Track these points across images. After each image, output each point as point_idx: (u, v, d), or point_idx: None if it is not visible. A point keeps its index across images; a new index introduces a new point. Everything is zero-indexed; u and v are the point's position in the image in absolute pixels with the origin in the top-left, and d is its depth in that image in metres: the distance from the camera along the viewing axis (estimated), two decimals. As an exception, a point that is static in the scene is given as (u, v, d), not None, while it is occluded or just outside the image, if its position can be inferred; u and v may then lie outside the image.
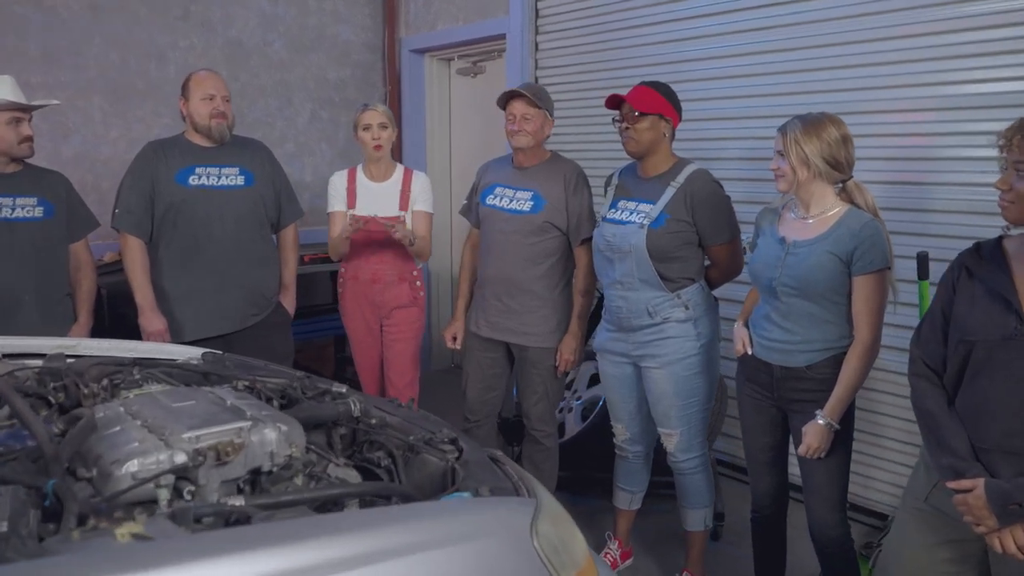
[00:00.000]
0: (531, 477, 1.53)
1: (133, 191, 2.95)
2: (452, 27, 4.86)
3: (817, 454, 2.16)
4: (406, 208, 3.29)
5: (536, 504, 1.34)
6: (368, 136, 3.22)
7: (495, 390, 3.12)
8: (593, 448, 3.52)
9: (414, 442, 1.63)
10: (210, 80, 3.02)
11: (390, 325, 3.35)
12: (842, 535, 2.24)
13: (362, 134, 3.23)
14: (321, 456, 1.54)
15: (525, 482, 1.49)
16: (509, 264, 2.92)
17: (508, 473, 1.54)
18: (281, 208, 3.22)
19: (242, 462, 1.39)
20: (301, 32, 4.93)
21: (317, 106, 5.06)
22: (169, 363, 2.17)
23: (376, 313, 3.34)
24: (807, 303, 2.18)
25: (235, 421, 1.43)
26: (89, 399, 1.76)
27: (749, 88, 3.46)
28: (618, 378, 2.72)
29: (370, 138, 3.22)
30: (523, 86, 2.90)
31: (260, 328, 3.11)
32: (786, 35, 3.32)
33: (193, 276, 3.00)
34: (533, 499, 1.37)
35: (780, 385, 2.26)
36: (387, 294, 3.29)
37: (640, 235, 2.50)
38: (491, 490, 1.41)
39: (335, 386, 1.97)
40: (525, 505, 1.33)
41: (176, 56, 4.46)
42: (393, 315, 3.33)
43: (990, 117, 2.76)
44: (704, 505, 2.70)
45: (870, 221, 2.12)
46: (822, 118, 2.14)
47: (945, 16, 2.87)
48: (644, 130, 2.51)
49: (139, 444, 1.35)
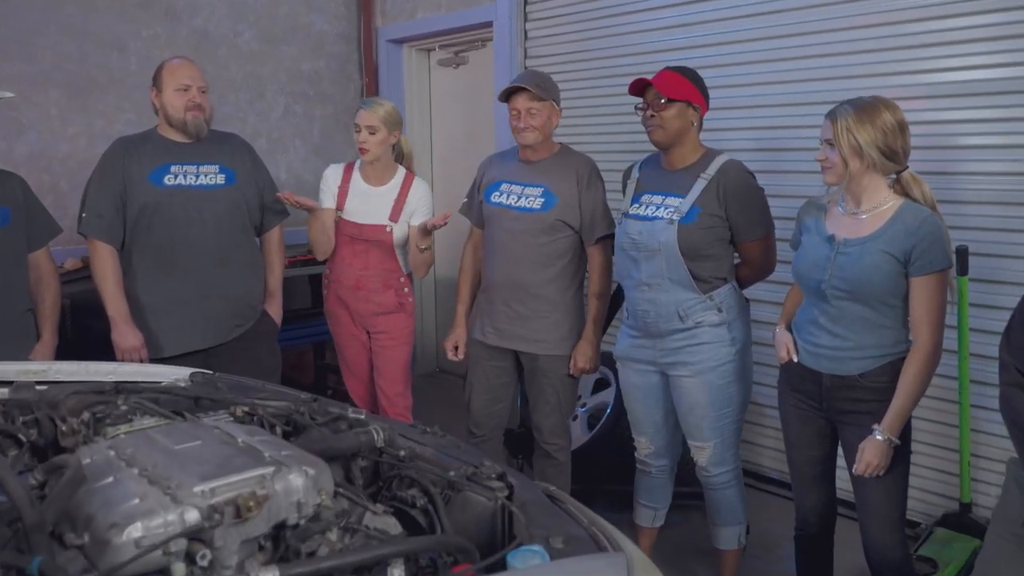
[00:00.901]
0: (601, 520, 1.31)
1: (102, 192, 2.66)
2: (433, 15, 4.62)
3: (876, 472, 1.98)
4: (396, 219, 2.99)
5: (627, 561, 1.13)
6: (357, 138, 2.95)
7: (502, 401, 2.90)
8: (602, 458, 3.33)
9: (455, 478, 1.40)
10: (185, 69, 2.74)
11: (377, 332, 3.10)
12: (902, 557, 2.06)
13: (355, 135, 2.97)
14: (353, 501, 1.31)
15: (599, 527, 1.28)
16: (518, 266, 2.70)
17: (574, 515, 1.33)
18: (265, 209, 2.96)
19: (265, 517, 1.15)
20: (272, 22, 4.64)
21: (291, 100, 4.78)
22: (153, 387, 1.93)
23: (360, 320, 3.09)
24: (860, 306, 2.00)
25: (254, 467, 1.19)
26: (68, 437, 1.50)
27: (759, 75, 3.27)
28: (642, 388, 2.52)
29: (358, 141, 2.94)
30: (524, 77, 2.66)
31: (245, 340, 2.84)
32: (797, 19, 3.15)
33: (171, 285, 2.72)
34: (621, 553, 1.16)
35: (830, 395, 2.08)
36: (370, 302, 3.04)
37: (670, 231, 2.30)
38: (565, 541, 1.19)
39: (351, 411, 1.73)
40: (616, 565, 1.11)
41: (138, 47, 4.16)
42: (378, 322, 3.07)
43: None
44: (739, 521, 2.52)
45: (929, 216, 1.94)
46: (876, 103, 1.96)
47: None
48: (671, 118, 2.31)
49: (141, 501, 1.10)
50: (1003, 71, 2.66)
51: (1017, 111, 2.64)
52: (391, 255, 3.02)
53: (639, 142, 3.64)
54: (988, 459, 2.82)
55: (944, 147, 2.80)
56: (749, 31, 3.29)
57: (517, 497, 1.35)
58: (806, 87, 3.13)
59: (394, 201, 3.01)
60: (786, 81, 3.20)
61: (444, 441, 1.69)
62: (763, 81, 3.27)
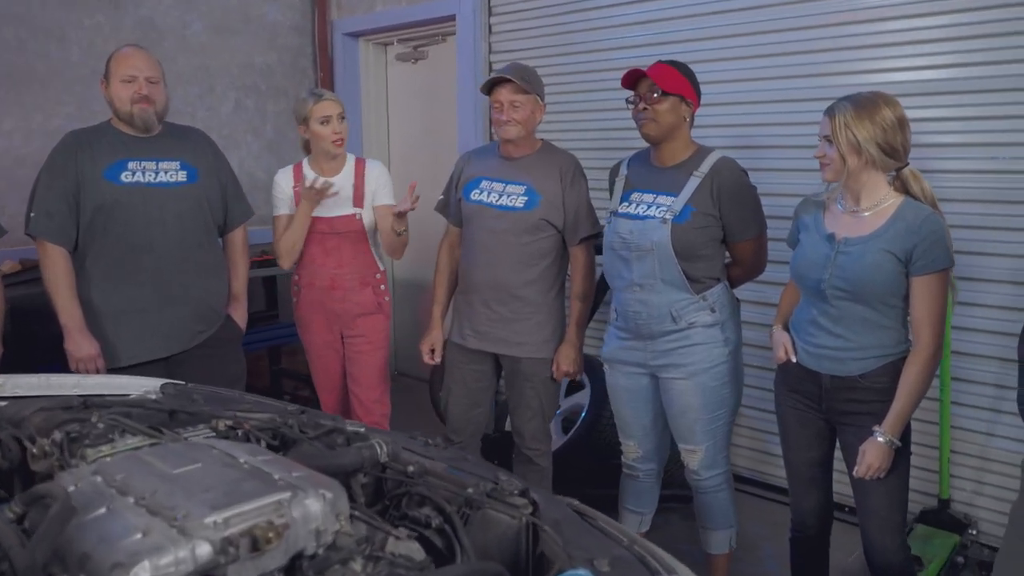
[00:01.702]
0: (640, 537, 1.23)
1: (52, 191, 2.47)
2: (394, 8, 4.48)
3: (878, 474, 1.95)
4: (361, 205, 2.89)
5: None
6: (327, 130, 2.80)
7: (481, 406, 2.80)
8: (578, 462, 3.26)
9: (474, 495, 1.30)
10: (132, 58, 2.55)
11: (353, 336, 2.96)
12: (904, 560, 2.04)
13: (319, 128, 2.81)
14: (372, 525, 1.19)
15: (641, 546, 1.19)
16: (499, 267, 2.60)
17: (611, 534, 1.24)
18: (228, 208, 2.79)
19: (283, 548, 1.04)
20: (223, 13, 4.44)
21: (242, 94, 4.59)
22: (122, 400, 1.78)
23: (337, 323, 2.95)
24: (860, 306, 1.96)
25: (268, 492, 1.07)
26: (39, 461, 1.35)
27: (734, 72, 3.24)
28: (632, 391, 2.45)
29: (330, 132, 2.81)
30: (509, 69, 2.56)
31: (208, 346, 2.67)
32: (775, 15, 3.12)
33: (130, 290, 2.54)
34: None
35: (830, 396, 2.04)
36: (348, 302, 2.91)
37: (663, 231, 2.24)
38: (611, 563, 1.11)
39: (350, 424, 1.62)
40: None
41: (80, 36, 3.92)
42: (356, 324, 2.94)
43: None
44: (729, 525, 2.47)
45: (931, 215, 1.91)
46: (875, 98, 1.92)
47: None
48: (665, 112, 2.24)
49: (144, 536, 0.98)
50: (976, 70, 2.68)
51: (991, 109, 2.65)
52: (364, 248, 2.90)
53: (607, 139, 3.62)
54: (966, 455, 2.84)
55: (921, 145, 2.78)
56: (721, 27, 3.26)
57: (544, 515, 1.26)
58: (783, 84, 3.11)
59: (353, 187, 2.89)
60: (762, 79, 3.17)
61: (448, 453, 1.60)
62: (739, 79, 3.23)
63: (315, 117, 2.80)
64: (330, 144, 2.82)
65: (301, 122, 2.85)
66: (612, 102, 3.62)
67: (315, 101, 2.81)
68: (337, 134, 2.82)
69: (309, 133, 2.85)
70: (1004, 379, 2.74)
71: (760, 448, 3.38)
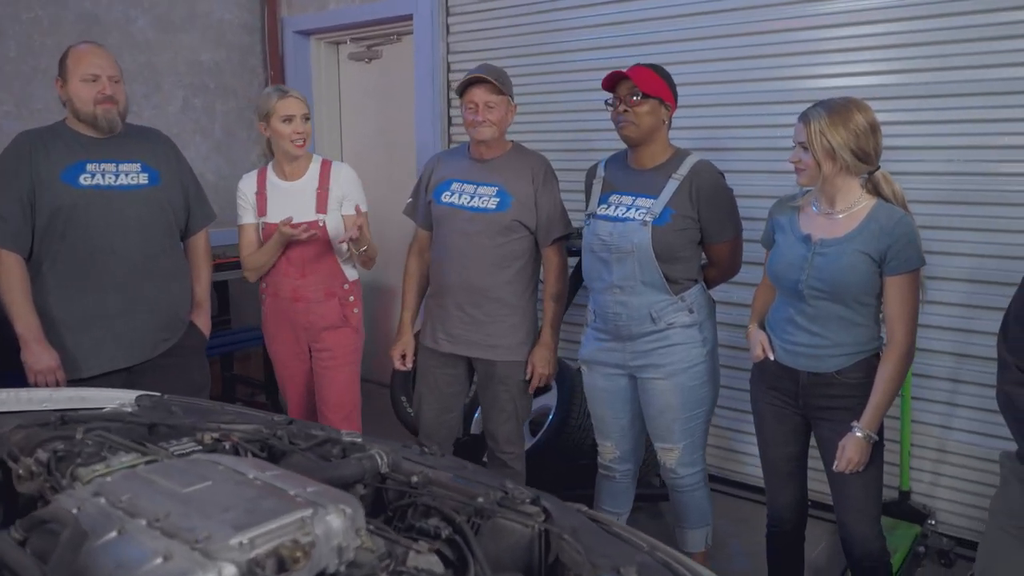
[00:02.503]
0: (660, 543, 1.23)
1: (5, 194, 2.34)
2: (346, 7, 4.40)
3: (857, 468, 2.00)
4: (324, 210, 2.75)
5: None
6: (289, 129, 2.68)
7: (453, 411, 2.78)
8: (547, 464, 3.26)
9: (485, 504, 1.28)
10: (92, 56, 2.43)
11: (320, 350, 2.85)
12: (881, 548, 2.10)
13: (280, 126, 2.68)
14: (389, 539, 1.16)
15: (662, 551, 1.19)
16: (473, 269, 2.58)
17: (630, 540, 1.24)
18: (191, 211, 2.70)
19: (308, 567, 1.01)
20: (169, 8, 4.30)
21: (189, 93, 4.45)
22: (97, 414, 1.70)
23: (303, 335, 2.84)
24: (837, 306, 2.01)
25: (289, 510, 1.03)
26: (25, 482, 1.28)
27: (706, 75, 3.26)
28: (610, 392, 2.46)
29: (291, 131, 2.68)
30: (484, 69, 2.54)
31: (172, 355, 2.58)
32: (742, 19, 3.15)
33: (90, 298, 2.43)
34: (708, 581, 1.08)
35: (807, 392, 2.09)
36: (312, 314, 2.79)
37: (644, 233, 2.25)
38: (639, 571, 1.10)
39: (345, 434, 1.58)
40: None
41: (17, 30, 3.75)
42: (322, 338, 2.83)
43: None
44: (706, 523, 2.51)
45: (903, 217, 1.97)
46: (848, 104, 1.97)
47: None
48: (645, 114, 2.25)
49: (166, 560, 0.93)
50: (932, 75, 2.77)
51: (946, 113, 2.75)
52: (329, 256, 2.78)
53: (566, 141, 3.63)
54: (924, 448, 2.94)
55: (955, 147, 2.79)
56: (677, 31, 3.29)
57: (558, 523, 1.25)
58: (751, 87, 3.14)
59: (316, 191, 2.77)
60: (729, 81, 3.19)
61: (447, 462, 1.57)
62: (706, 81, 3.24)
63: (278, 114, 2.68)
64: (290, 144, 2.70)
65: (262, 118, 2.72)
66: (573, 104, 3.65)
67: (279, 97, 2.69)
68: (299, 134, 2.69)
69: (269, 131, 2.72)
70: (959, 374, 2.84)
71: (726, 446, 3.44)
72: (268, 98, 2.72)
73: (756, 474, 3.32)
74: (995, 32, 2.63)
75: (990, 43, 2.65)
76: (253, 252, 2.78)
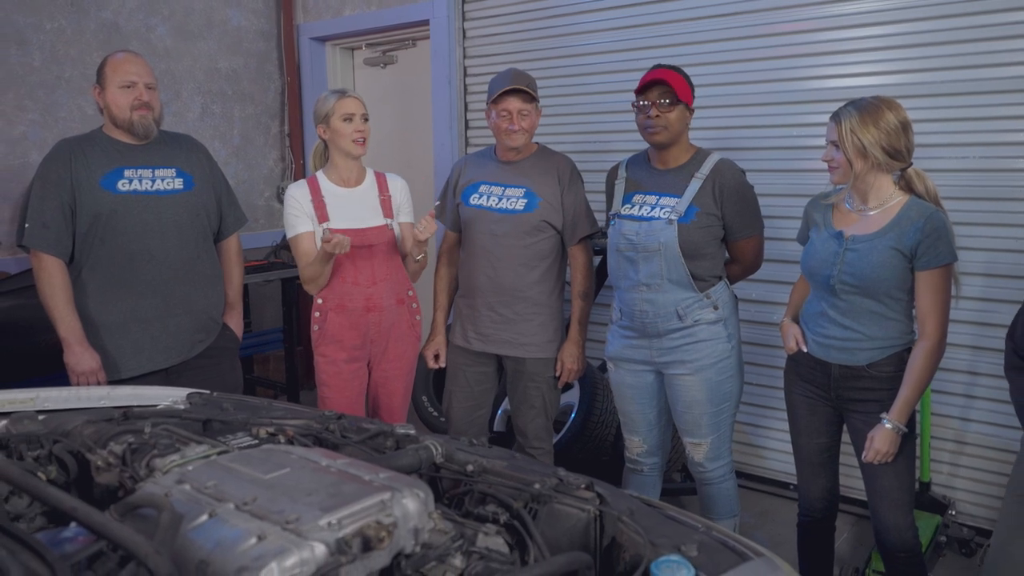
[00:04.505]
0: (713, 523, 1.28)
1: (47, 201, 2.40)
2: (362, 13, 4.46)
3: (885, 459, 2.05)
4: (391, 215, 2.71)
5: (778, 567, 1.10)
6: (350, 128, 2.60)
7: (483, 407, 2.84)
8: (569, 461, 3.30)
9: (542, 491, 1.32)
10: (129, 64, 2.50)
11: (384, 361, 2.74)
12: (913, 537, 2.15)
13: (340, 125, 2.60)
14: (457, 522, 1.22)
15: (718, 531, 1.24)
16: (502, 269, 2.64)
17: (686, 522, 1.29)
18: (223, 215, 2.75)
19: (390, 547, 1.06)
20: (187, 16, 4.36)
21: (208, 99, 4.51)
22: (154, 411, 1.75)
23: (370, 347, 2.71)
24: (868, 300, 2.06)
25: (370, 493, 1.09)
26: (104, 472, 1.33)
27: (725, 76, 3.31)
28: (638, 388, 2.52)
29: (352, 130, 2.60)
30: (519, 78, 2.58)
31: (207, 356, 2.64)
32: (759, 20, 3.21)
33: (129, 300, 2.48)
34: (770, 558, 1.13)
35: (838, 384, 2.14)
36: (385, 323, 2.69)
37: (670, 231, 2.31)
38: (699, 548, 1.15)
39: (398, 427, 1.63)
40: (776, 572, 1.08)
41: (41, 40, 3.80)
42: (389, 347, 2.73)
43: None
44: (734, 514, 2.55)
45: (934, 213, 2.01)
46: (878, 103, 2.02)
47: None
48: (675, 120, 2.32)
49: (260, 540, 0.98)
50: (948, 74, 2.83)
51: (960, 111, 2.81)
52: (396, 263, 2.73)
53: (582, 142, 3.69)
54: (943, 439, 2.99)
55: (986, 144, 2.82)
56: (697, 33, 3.35)
57: (614, 506, 1.30)
58: (769, 87, 3.20)
59: (379, 198, 2.73)
60: (747, 82, 3.25)
61: (496, 452, 1.62)
62: (725, 82, 3.30)
63: (338, 114, 2.60)
64: (351, 143, 2.61)
65: (321, 121, 2.63)
66: (590, 106, 3.71)
67: (339, 98, 2.62)
68: (359, 132, 2.62)
69: (329, 132, 2.63)
70: (976, 366, 2.89)
71: (746, 440, 3.49)
72: (326, 100, 2.64)
73: (778, 468, 3.38)
74: (1009, 31, 2.69)
75: (1004, 42, 2.71)
76: (311, 262, 2.61)
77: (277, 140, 4.88)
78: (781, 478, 3.36)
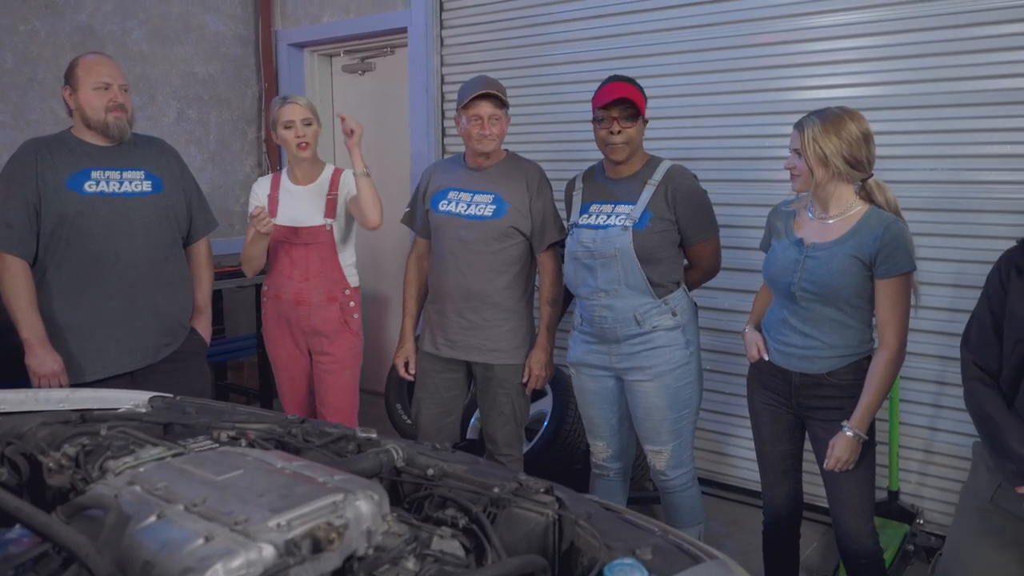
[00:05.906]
0: (670, 527, 1.28)
1: (12, 200, 2.38)
2: (340, 20, 4.46)
3: (846, 467, 2.06)
4: (332, 215, 2.84)
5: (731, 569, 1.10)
6: (291, 134, 2.78)
7: (452, 414, 2.83)
8: (542, 468, 3.30)
9: (501, 495, 1.32)
10: (103, 65, 2.49)
11: (320, 354, 2.91)
12: (874, 545, 2.16)
13: (283, 132, 2.79)
14: (413, 525, 1.21)
15: (674, 534, 1.25)
16: (471, 275, 2.64)
17: (642, 526, 1.29)
18: (193, 219, 2.74)
19: (341, 549, 1.05)
20: (163, 21, 4.34)
21: (184, 104, 4.48)
22: (114, 414, 1.73)
23: (303, 339, 2.91)
24: (828, 308, 2.08)
25: (322, 494, 1.08)
26: (55, 475, 1.32)
27: (685, 88, 3.36)
28: (599, 393, 2.53)
29: (293, 136, 2.78)
30: (490, 84, 2.60)
31: (174, 360, 2.62)
32: (723, 33, 3.25)
33: (94, 303, 2.46)
34: (722, 560, 1.13)
35: (799, 392, 2.15)
36: (314, 318, 2.85)
37: (625, 237, 2.33)
38: (653, 552, 1.15)
39: (360, 431, 1.62)
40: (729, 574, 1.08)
41: (15, 41, 3.77)
42: (322, 342, 2.89)
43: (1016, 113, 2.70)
44: (698, 521, 2.56)
45: (894, 222, 2.04)
46: (841, 114, 2.04)
47: (965, 8, 2.74)
48: (635, 134, 2.38)
49: (207, 541, 0.97)
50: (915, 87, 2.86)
51: (930, 124, 2.85)
52: (333, 261, 2.86)
53: (553, 151, 3.70)
54: (912, 449, 3.01)
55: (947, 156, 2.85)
56: (669, 44, 3.37)
57: (572, 510, 1.30)
58: (727, 99, 3.23)
59: (327, 196, 2.85)
60: (707, 94, 3.29)
61: (459, 457, 1.61)
62: (685, 93, 3.34)
63: (280, 121, 2.79)
64: (294, 148, 2.79)
65: (273, 128, 2.83)
66: (562, 115, 3.72)
67: (280, 105, 2.81)
68: (300, 138, 2.78)
69: (279, 139, 2.83)
70: (944, 376, 2.92)
71: (716, 449, 3.50)
72: (272, 107, 2.85)
73: (748, 476, 3.39)
74: (975, 46, 2.74)
75: (971, 56, 2.75)
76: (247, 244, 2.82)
77: (254, 146, 4.86)
78: (751, 487, 3.37)
